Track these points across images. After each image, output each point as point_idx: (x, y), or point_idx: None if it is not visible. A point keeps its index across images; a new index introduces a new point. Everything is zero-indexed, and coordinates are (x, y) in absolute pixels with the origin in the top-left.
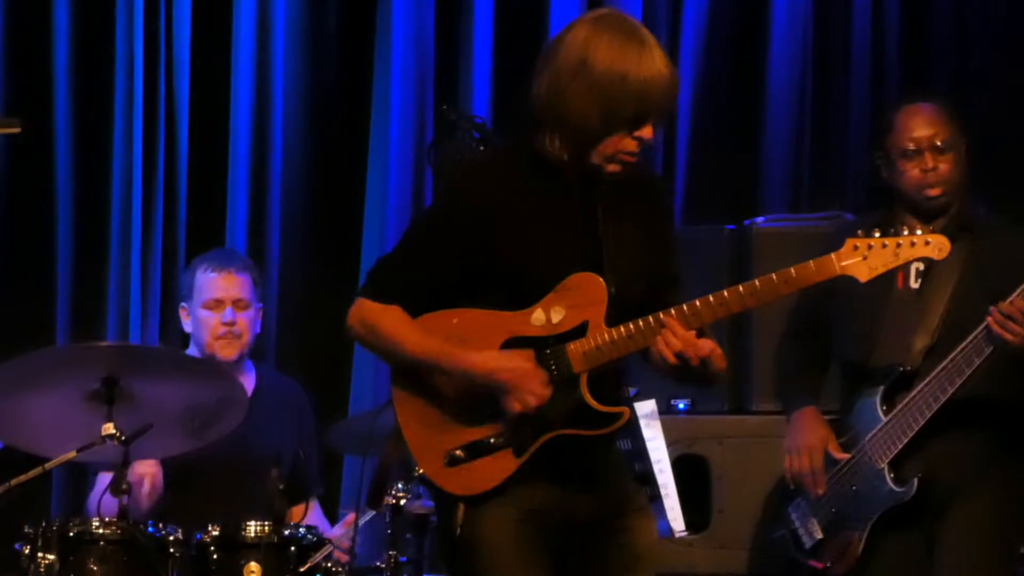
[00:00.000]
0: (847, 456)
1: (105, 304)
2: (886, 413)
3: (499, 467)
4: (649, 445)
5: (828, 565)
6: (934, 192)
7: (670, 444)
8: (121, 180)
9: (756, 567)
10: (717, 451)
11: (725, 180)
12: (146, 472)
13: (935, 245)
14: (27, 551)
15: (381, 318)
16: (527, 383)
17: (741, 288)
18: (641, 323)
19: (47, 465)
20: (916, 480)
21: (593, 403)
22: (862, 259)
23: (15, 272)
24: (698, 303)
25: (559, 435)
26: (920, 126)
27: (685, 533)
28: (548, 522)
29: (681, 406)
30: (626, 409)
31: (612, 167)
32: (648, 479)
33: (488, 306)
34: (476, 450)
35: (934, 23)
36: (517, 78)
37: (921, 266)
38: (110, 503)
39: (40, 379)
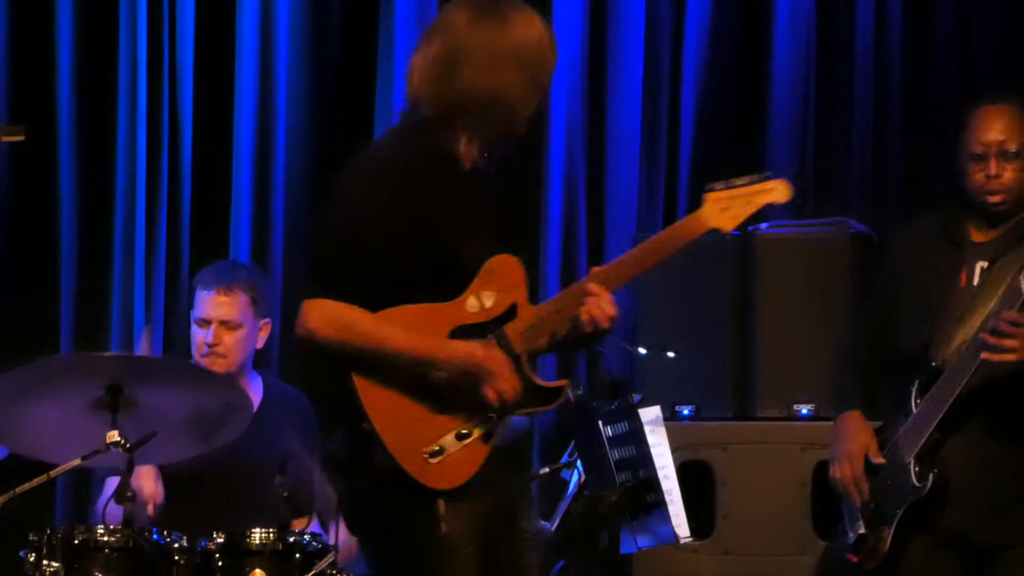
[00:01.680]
0: (884, 462)
1: (109, 312)
2: (916, 407)
3: (473, 456)
4: (653, 451)
5: (860, 560)
6: (994, 199)
7: (674, 450)
8: (125, 188)
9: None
10: (721, 457)
11: None
12: (146, 494)
13: (779, 190)
14: (32, 559)
15: (356, 317)
16: (505, 371)
17: (635, 252)
18: (563, 296)
19: (52, 473)
20: (931, 476)
21: (537, 380)
22: (723, 211)
23: (19, 280)
24: (599, 271)
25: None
26: (991, 129)
27: (690, 539)
28: (493, 518)
29: (685, 412)
30: (566, 380)
31: (526, 132)
32: (652, 485)
33: (423, 299)
34: (450, 443)
35: (937, 26)
36: None
37: (985, 264)
38: (115, 510)
39: (44, 387)
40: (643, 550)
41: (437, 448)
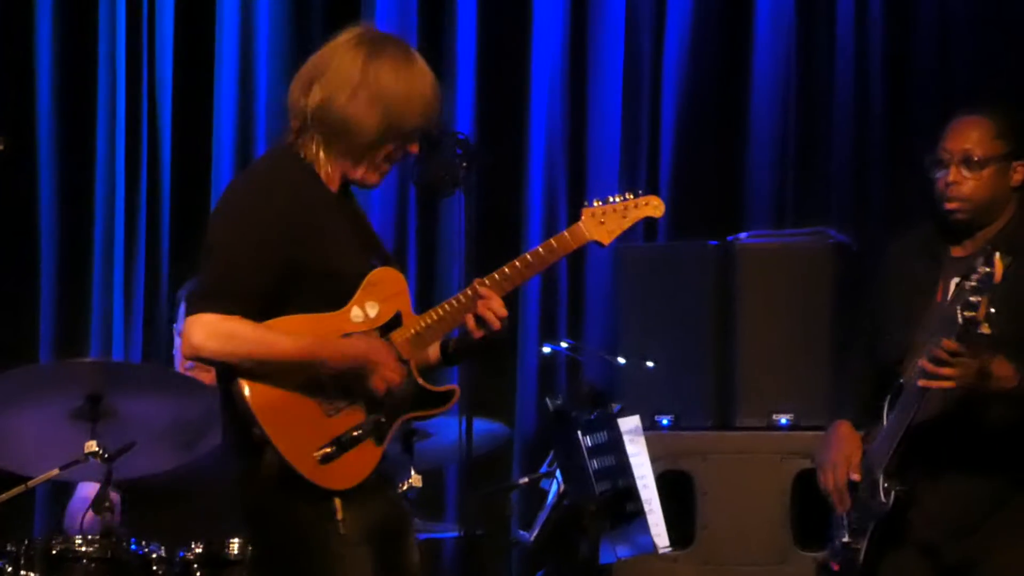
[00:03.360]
0: (859, 478)
1: (88, 321)
2: (887, 421)
3: (367, 457)
4: (632, 461)
5: (839, 569)
6: (951, 206)
7: (654, 460)
8: (104, 197)
9: None
10: (701, 467)
11: (709, 196)
12: None
13: (653, 205)
14: (9, 569)
15: (238, 327)
16: (390, 360)
17: (518, 261)
18: (448, 305)
19: (30, 483)
20: (892, 494)
21: (427, 385)
22: (600, 224)
23: None
24: (488, 281)
25: (408, 419)
26: (956, 138)
27: (669, 549)
28: (387, 525)
29: (665, 422)
30: (456, 387)
31: (372, 177)
32: (631, 495)
33: (305, 310)
34: (343, 444)
35: (918, 34)
36: (500, 96)
37: (957, 280)
38: (91, 520)
39: (23, 397)
40: (623, 560)
41: (331, 450)
